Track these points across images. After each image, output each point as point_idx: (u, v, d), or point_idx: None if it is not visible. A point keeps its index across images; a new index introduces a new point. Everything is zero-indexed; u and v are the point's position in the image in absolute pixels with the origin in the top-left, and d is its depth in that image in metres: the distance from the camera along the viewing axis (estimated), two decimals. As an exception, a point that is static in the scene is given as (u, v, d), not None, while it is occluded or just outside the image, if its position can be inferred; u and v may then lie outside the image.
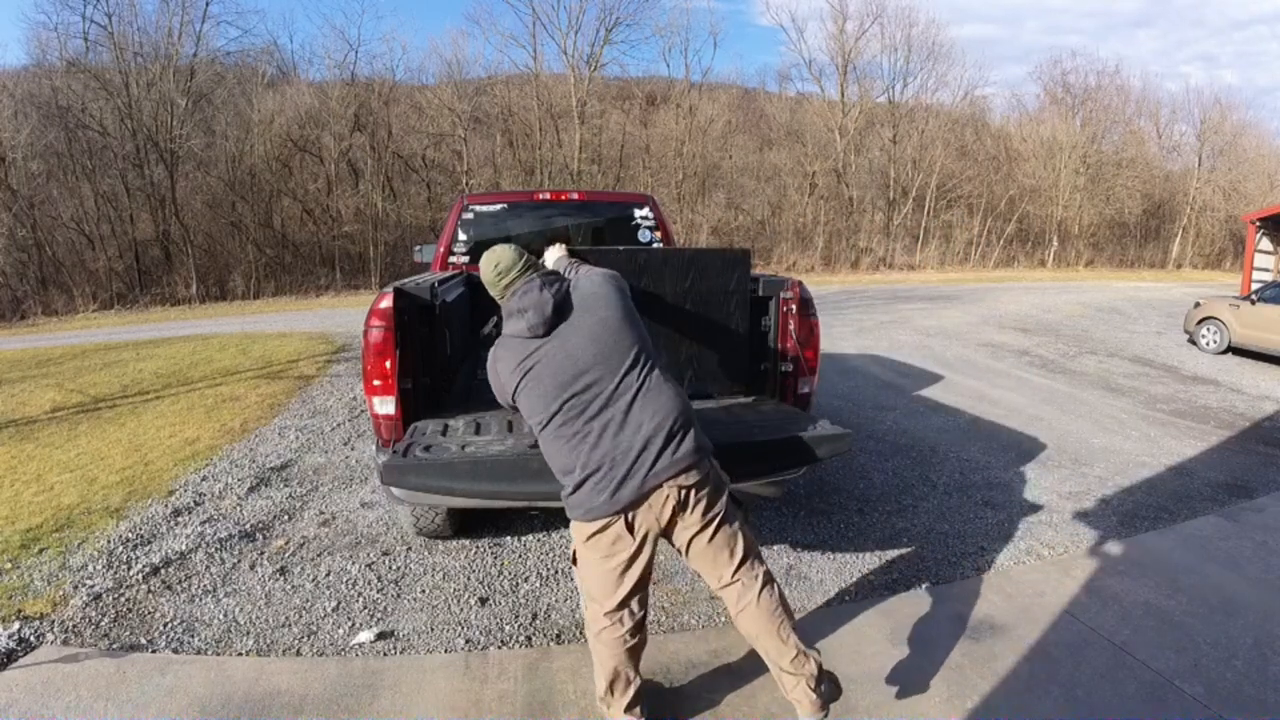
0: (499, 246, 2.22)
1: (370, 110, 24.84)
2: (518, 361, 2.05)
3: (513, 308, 2.09)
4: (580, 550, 2.09)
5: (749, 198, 29.87)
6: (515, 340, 2.09)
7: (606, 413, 1.99)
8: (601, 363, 2.02)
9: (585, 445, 1.98)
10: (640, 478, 1.95)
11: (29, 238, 19.27)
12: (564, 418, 1.99)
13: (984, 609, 2.99)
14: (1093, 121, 33.41)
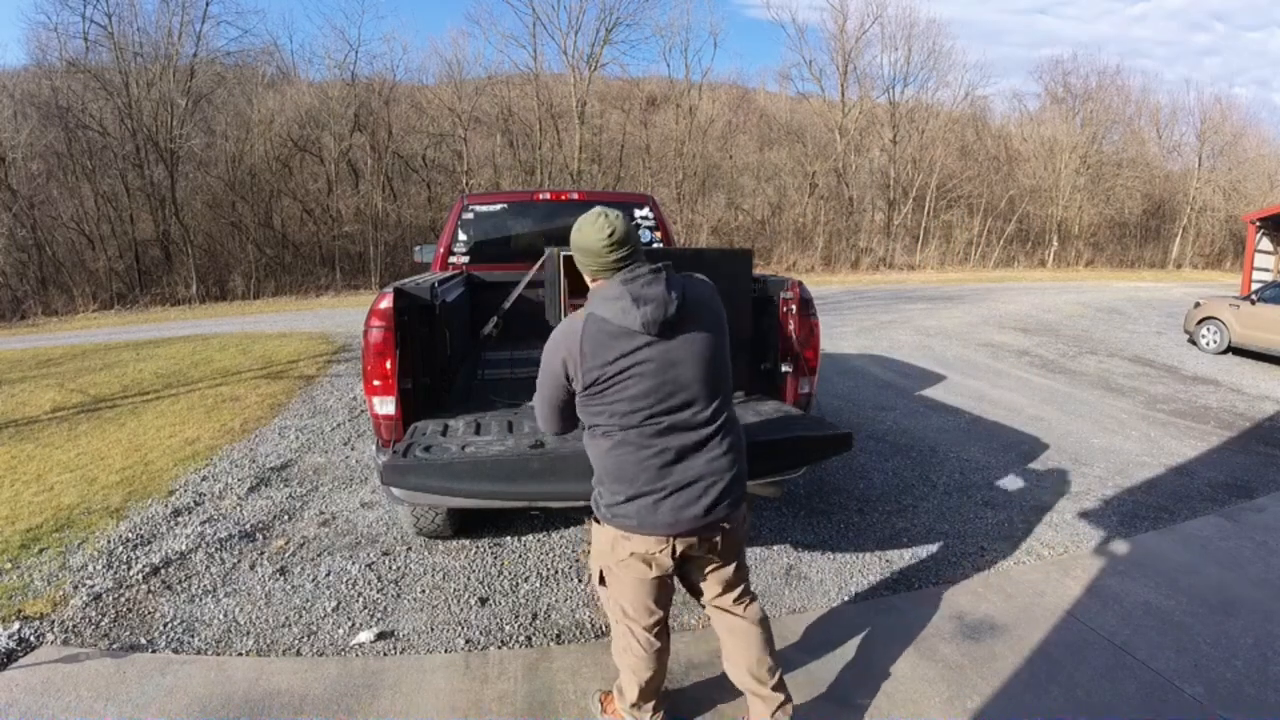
0: (608, 211, 1.91)
1: (370, 110, 24.83)
2: (620, 354, 1.80)
3: (625, 292, 1.81)
4: (614, 568, 1.97)
5: (749, 198, 29.88)
6: (620, 329, 1.81)
7: (688, 436, 1.86)
8: (701, 384, 1.86)
9: (657, 462, 1.84)
10: (701, 511, 1.87)
11: (29, 238, 19.27)
12: (647, 429, 1.83)
13: (984, 609, 2.99)
14: (1093, 122, 33.42)
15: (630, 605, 2.01)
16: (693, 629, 2.90)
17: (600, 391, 1.82)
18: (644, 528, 1.87)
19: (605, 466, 1.91)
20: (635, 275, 1.85)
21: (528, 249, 4.68)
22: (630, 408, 1.81)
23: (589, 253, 1.89)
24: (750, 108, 33.52)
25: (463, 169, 25.47)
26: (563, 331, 1.89)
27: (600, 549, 2.00)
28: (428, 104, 26.36)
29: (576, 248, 1.92)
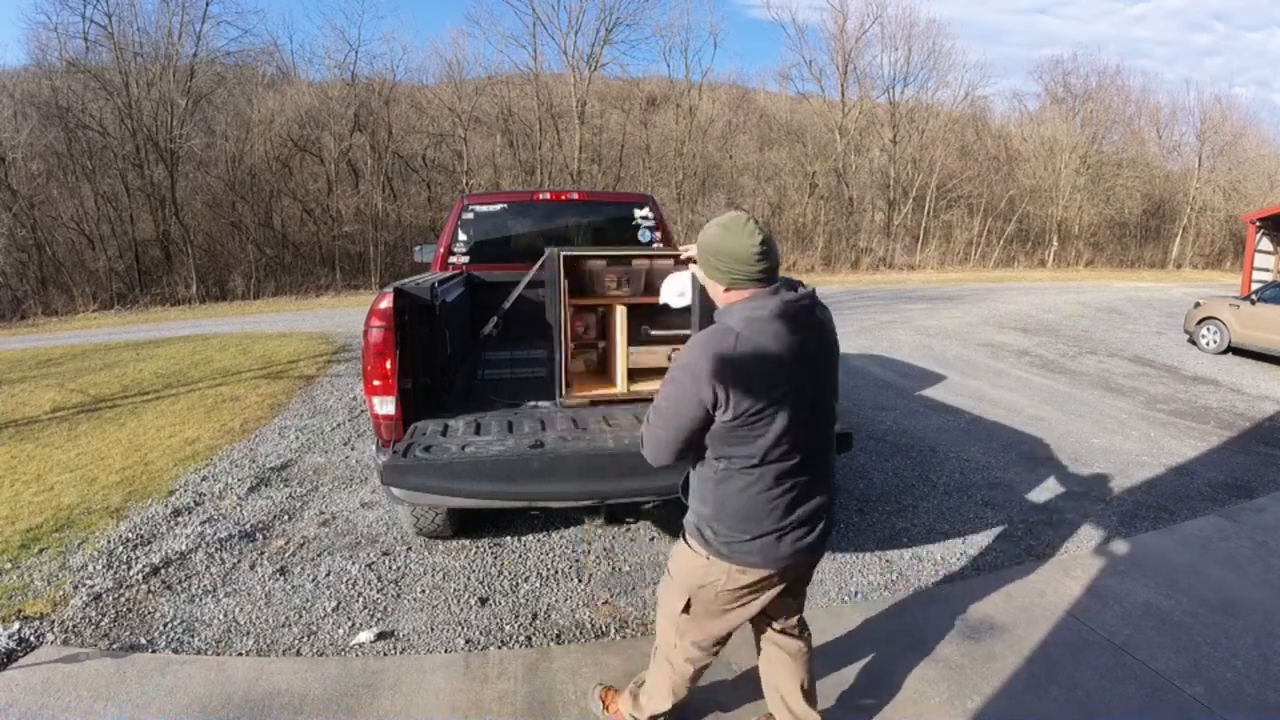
0: (751, 220, 1.72)
1: (370, 110, 24.83)
2: (776, 383, 1.64)
3: (784, 315, 1.66)
4: (713, 599, 1.84)
5: (749, 198, 29.87)
6: (777, 356, 1.65)
7: (810, 468, 1.75)
8: (826, 415, 1.77)
9: (786, 499, 1.72)
10: (815, 541, 1.80)
11: (29, 238, 19.27)
12: (784, 464, 1.70)
13: (984, 609, 2.99)
14: (1093, 122, 33.42)
15: (711, 636, 1.92)
16: (693, 629, 2.90)
17: (751, 424, 1.63)
18: (766, 563, 1.77)
19: (733, 505, 1.73)
20: (796, 298, 1.70)
21: (528, 249, 4.68)
22: (774, 442, 1.66)
23: (738, 260, 1.67)
24: (750, 108, 33.52)
25: (463, 169, 25.46)
26: (711, 353, 1.63)
27: (695, 580, 1.84)
28: (428, 104, 26.36)
29: (719, 252, 1.69)
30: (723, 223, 1.72)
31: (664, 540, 3.68)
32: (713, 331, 1.68)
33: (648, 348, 3.70)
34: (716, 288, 1.75)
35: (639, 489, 2.69)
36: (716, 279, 1.73)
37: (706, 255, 1.73)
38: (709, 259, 1.73)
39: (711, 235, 1.72)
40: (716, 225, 1.73)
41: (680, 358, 1.70)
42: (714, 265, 1.72)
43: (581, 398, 3.36)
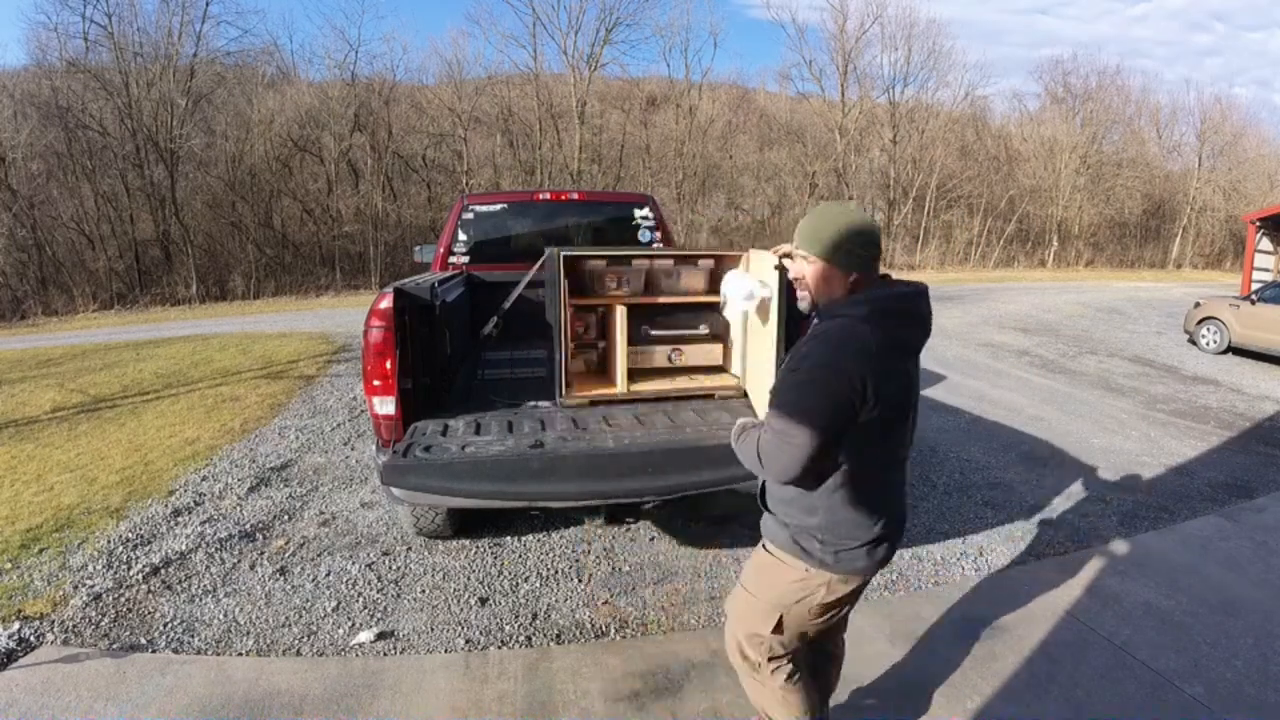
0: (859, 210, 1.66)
1: (370, 110, 24.82)
2: (909, 379, 1.62)
3: (906, 305, 1.62)
4: (807, 613, 1.74)
5: (749, 198, 29.87)
6: (904, 349, 1.61)
7: (902, 470, 1.73)
8: (916, 413, 1.71)
9: (891, 499, 1.68)
10: (895, 548, 1.75)
11: (29, 238, 19.26)
12: (900, 462, 1.67)
13: (984, 609, 2.99)
14: (1093, 122, 33.40)
15: (795, 635, 1.79)
16: (693, 628, 2.90)
17: (887, 421, 1.55)
18: (869, 570, 1.70)
19: (848, 512, 1.61)
20: (912, 288, 1.65)
21: (528, 249, 4.68)
22: (901, 440, 1.63)
23: (869, 243, 1.60)
24: (750, 108, 33.50)
25: (463, 169, 25.45)
26: (854, 347, 1.51)
27: (791, 596, 1.72)
28: (428, 104, 26.34)
29: (852, 235, 1.59)
30: (839, 209, 1.64)
31: (664, 540, 3.68)
32: (844, 325, 1.55)
33: (648, 348, 3.70)
34: (840, 277, 1.62)
35: (639, 489, 2.69)
36: (846, 266, 1.61)
37: (837, 240, 1.59)
38: (841, 243, 1.59)
39: (839, 218, 1.61)
40: (837, 209, 1.63)
41: (810, 356, 1.54)
42: (846, 250, 1.59)
43: (581, 398, 3.36)
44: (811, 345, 1.57)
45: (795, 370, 1.56)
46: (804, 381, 1.54)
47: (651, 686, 2.49)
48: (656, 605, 3.07)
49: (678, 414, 3.18)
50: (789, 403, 1.54)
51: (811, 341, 1.58)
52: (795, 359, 1.59)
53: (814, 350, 1.55)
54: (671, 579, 3.29)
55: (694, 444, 2.74)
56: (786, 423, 1.53)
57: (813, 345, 1.57)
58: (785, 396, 1.56)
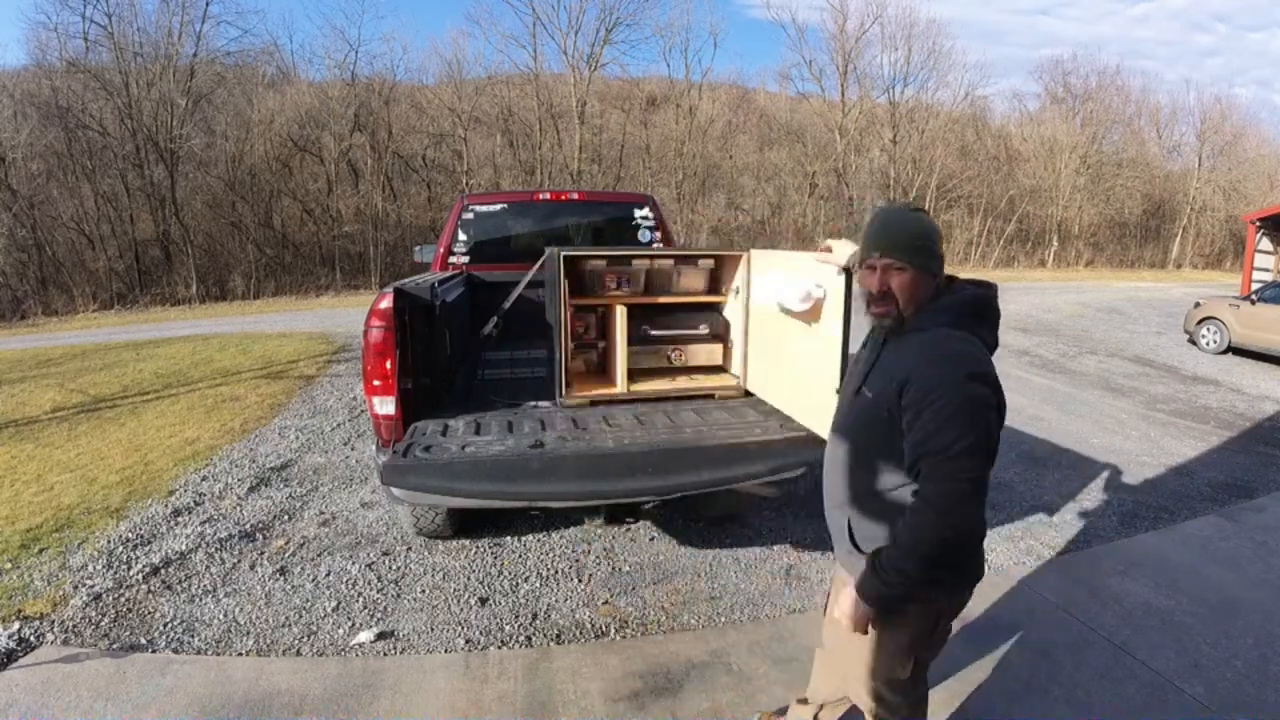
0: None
1: (370, 110, 24.81)
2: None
3: (984, 311, 1.58)
4: (939, 630, 1.68)
5: (749, 198, 29.86)
6: (990, 350, 1.59)
7: None
8: None
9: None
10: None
11: (29, 238, 19.25)
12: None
13: (984, 609, 2.99)
14: (1093, 122, 33.40)
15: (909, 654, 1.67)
16: (693, 629, 2.90)
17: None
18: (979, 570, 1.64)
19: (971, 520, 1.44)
20: (989, 287, 1.59)
21: (528, 249, 4.67)
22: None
23: (938, 243, 1.56)
24: (750, 108, 33.50)
25: (463, 169, 25.45)
26: (984, 371, 1.47)
27: (923, 629, 1.63)
28: (428, 104, 26.34)
29: (937, 236, 1.56)
30: (912, 211, 1.57)
31: (664, 540, 3.68)
32: (964, 342, 1.50)
33: (648, 348, 3.70)
34: (930, 282, 1.55)
35: (639, 489, 2.69)
36: (935, 269, 1.55)
37: (928, 244, 1.53)
38: (930, 248, 1.53)
39: (924, 221, 1.55)
40: (911, 214, 1.57)
41: (960, 386, 1.43)
42: (936, 255, 1.55)
43: (581, 398, 3.36)
44: (950, 374, 1.44)
45: (947, 410, 1.42)
46: (965, 419, 1.42)
47: (651, 686, 2.49)
48: (656, 605, 3.07)
49: (678, 414, 3.18)
50: (955, 447, 1.40)
51: (946, 368, 1.45)
52: (921, 390, 1.44)
53: (954, 380, 1.44)
54: (671, 579, 3.29)
55: (694, 444, 2.74)
56: (964, 471, 1.40)
57: (953, 374, 1.44)
58: (949, 443, 1.40)
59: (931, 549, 1.41)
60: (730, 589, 3.21)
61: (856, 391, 1.64)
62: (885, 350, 1.60)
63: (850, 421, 1.68)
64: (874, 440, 1.58)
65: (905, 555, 1.45)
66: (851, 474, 1.67)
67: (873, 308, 1.59)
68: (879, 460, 1.57)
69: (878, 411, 1.54)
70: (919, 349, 1.50)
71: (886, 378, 1.53)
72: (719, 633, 2.85)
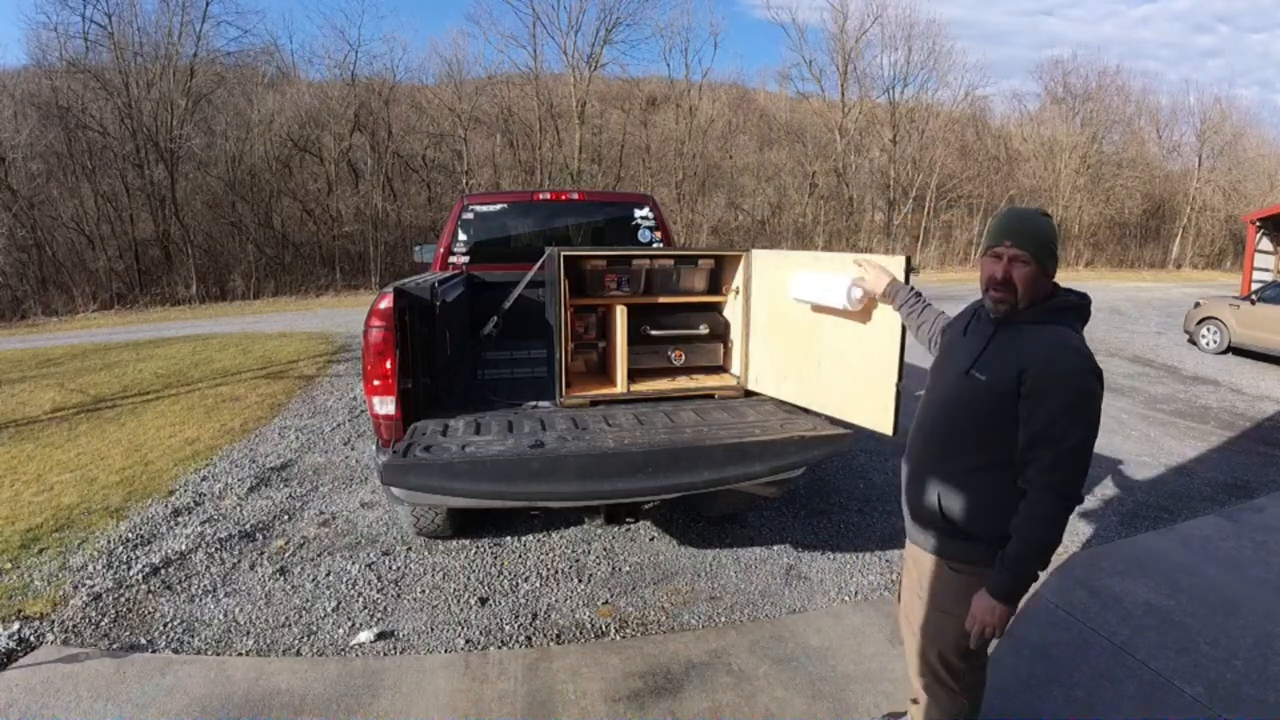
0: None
1: (370, 110, 24.80)
2: None
3: (1087, 316, 1.70)
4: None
5: (749, 197, 29.85)
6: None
7: None
8: None
9: None
10: None
11: (29, 238, 19.24)
12: None
13: (984, 609, 2.99)
14: (1093, 122, 33.39)
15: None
16: (693, 628, 2.90)
17: None
18: None
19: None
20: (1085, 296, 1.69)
21: (528, 249, 4.68)
22: None
23: (1059, 248, 1.67)
24: (750, 108, 33.48)
25: (463, 169, 25.44)
26: (1099, 371, 1.58)
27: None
28: (428, 104, 26.33)
29: (1057, 241, 1.67)
30: (1045, 212, 1.69)
31: (664, 540, 3.68)
32: (1083, 342, 1.61)
33: (648, 348, 3.70)
34: (1045, 281, 1.66)
35: (639, 489, 2.69)
36: (1050, 270, 1.67)
37: (1051, 246, 1.65)
38: (1053, 250, 1.65)
39: (1051, 225, 1.67)
40: (1046, 216, 1.68)
41: (1082, 382, 1.54)
42: (1055, 257, 1.67)
43: (581, 398, 3.36)
44: (1055, 364, 1.55)
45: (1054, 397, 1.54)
46: (1081, 416, 1.54)
47: (651, 686, 2.49)
48: (656, 605, 3.07)
49: (677, 414, 3.18)
50: (1075, 439, 1.53)
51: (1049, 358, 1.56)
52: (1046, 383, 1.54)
53: (1063, 370, 1.55)
54: (671, 579, 3.29)
55: (694, 444, 2.74)
56: (1081, 458, 1.55)
57: (1057, 364, 1.55)
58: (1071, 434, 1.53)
59: (1055, 537, 1.57)
60: (730, 589, 3.21)
61: (965, 373, 1.69)
62: (997, 338, 1.67)
63: (954, 400, 1.74)
64: (981, 421, 1.66)
65: (1037, 546, 1.58)
66: (947, 450, 1.74)
67: (992, 292, 1.68)
68: (980, 440, 1.66)
69: (990, 395, 1.62)
70: (1044, 343, 1.59)
71: (1004, 364, 1.61)
72: (719, 633, 2.85)
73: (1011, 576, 1.62)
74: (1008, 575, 1.62)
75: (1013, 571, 1.61)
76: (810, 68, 32.21)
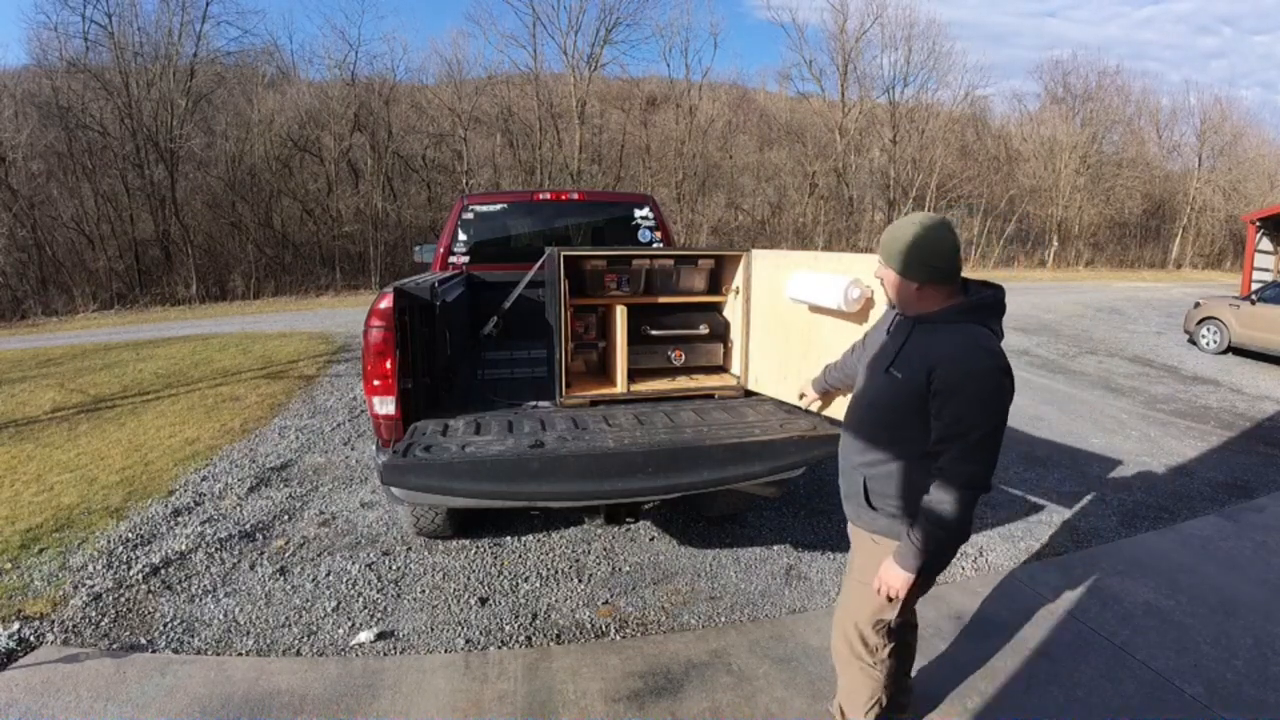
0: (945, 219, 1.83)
1: (370, 110, 24.80)
2: None
3: (1000, 309, 1.85)
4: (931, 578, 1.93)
5: (749, 197, 29.85)
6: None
7: None
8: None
9: None
10: None
11: (29, 238, 19.24)
12: None
13: (984, 609, 2.99)
14: (1093, 121, 33.39)
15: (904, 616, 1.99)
16: (693, 628, 2.90)
17: None
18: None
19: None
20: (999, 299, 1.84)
21: (528, 249, 4.68)
22: None
23: (942, 255, 1.75)
24: (750, 108, 33.48)
25: (463, 169, 25.44)
26: (1006, 366, 1.71)
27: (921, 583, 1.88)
28: (428, 104, 26.33)
29: (927, 249, 1.74)
30: (920, 223, 1.76)
31: (664, 540, 3.68)
32: (989, 339, 1.75)
33: (648, 347, 3.70)
34: (918, 287, 1.77)
35: (639, 489, 2.69)
36: (913, 277, 1.76)
37: (915, 251, 1.75)
38: (913, 255, 1.75)
39: (915, 233, 1.76)
40: (913, 224, 1.76)
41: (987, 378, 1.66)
42: (921, 260, 1.75)
43: (581, 398, 3.36)
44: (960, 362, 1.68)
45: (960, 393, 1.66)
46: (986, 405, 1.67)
47: (651, 686, 2.49)
48: (656, 605, 3.07)
49: (677, 414, 3.17)
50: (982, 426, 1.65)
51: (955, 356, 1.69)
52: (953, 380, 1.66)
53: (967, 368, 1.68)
54: (671, 579, 3.29)
55: (694, 444, 2.74)
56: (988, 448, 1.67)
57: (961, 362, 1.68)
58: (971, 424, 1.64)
59: (961, 520, 1.67)
60: (730, 589, 3.21)
61: (885, 370, 1.82)
62: (913, 337, 1.79)
63: (875, 395, 1.87)
64: (898, 414, 1.79)
65: (943, 526, 1.68)
66: (872, 442, 1.87)
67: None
68: (899, 432, 1.79)
69: (906, 391, 1.75)
70: (953, 342, 1.71)
71: (916, 362, 1.73)
72: (719, 633, 2.85)
73: (915, 549, 1.73)
74: (911, 547, 1.74)
75: (916, 545, 1.73)
76: (810, 68, 32.21)
